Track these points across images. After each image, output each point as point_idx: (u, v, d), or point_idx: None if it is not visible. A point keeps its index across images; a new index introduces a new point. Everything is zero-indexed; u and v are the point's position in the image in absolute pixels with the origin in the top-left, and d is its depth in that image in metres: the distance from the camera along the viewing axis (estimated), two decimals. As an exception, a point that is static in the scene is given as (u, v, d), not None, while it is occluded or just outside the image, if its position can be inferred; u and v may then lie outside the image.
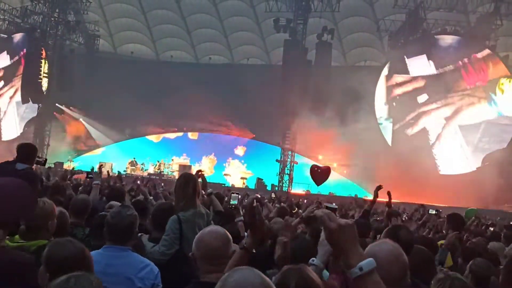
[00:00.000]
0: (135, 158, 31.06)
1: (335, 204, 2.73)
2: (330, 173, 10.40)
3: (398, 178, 23.72)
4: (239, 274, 1.56)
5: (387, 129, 27.88)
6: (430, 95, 26.88)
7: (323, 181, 10.60)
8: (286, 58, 26.35)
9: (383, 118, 28.14)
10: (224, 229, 2.54)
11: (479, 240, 4.90)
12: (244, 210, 2.57)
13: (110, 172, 24.47)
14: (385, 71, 28.04)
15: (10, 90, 33.37)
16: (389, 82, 28.01)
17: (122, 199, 5.21)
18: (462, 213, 10.96)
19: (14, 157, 4.74)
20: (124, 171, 28.35)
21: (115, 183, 8.03)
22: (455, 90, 26.61)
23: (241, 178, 29.78)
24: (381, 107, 28.20)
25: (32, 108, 31.76)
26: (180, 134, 35.10)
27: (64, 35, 31.56)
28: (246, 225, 2.51)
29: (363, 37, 32.58)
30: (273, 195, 10.85)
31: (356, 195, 19.20)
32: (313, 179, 10.33)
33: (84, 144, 33.93)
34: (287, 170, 27.43)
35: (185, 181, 4.10)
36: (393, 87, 27.81)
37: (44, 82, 30.40)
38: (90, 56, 32.30)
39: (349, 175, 28.80)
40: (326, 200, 10.13)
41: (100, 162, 28.55)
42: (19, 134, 32.21)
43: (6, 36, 32.60)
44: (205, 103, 30.21)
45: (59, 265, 2.27)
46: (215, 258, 2.40)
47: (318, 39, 26.53)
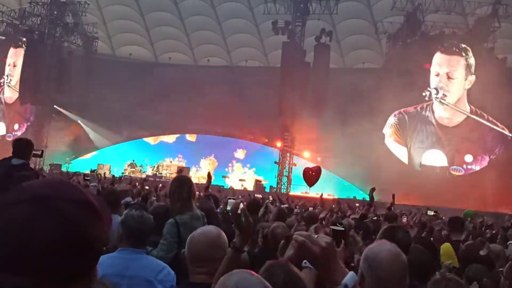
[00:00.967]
0: (134, 160, 31.03)
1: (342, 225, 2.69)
2: (321, 173, 10.38)
3: (397, 180, 23.75)
4: (238, 276, 1.51)
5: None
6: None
7: (315, 182, 10.57)
8: (285, 60, 26.36)
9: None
10: (218, 230, 2.49)
11: (476, 242, 4.88)
12: (231, 214, 2.56)
13: (108, 174, 24.51)
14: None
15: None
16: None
17: (117, 202, 5.17)
18: (462, 214, 10.95)
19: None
20: (122, 173, 28.34)
21: (112, 185, 8.00)
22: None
23: (240, 180, 29.74)
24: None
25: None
26: (177, 135, 35.02)
27: (62, 37, 31.55)
28: (237, 227, 2.49)
29: (361, 39, 32.61)
30: (270, 198, 10.83)
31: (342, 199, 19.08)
32: (306, 181, 10.31)
33: (82, 146, 33.85)
34: (285, 172, 27.41)
35: (180, 184, 4.06)
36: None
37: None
38: (88, 58, 32.29)
39: (348, 177, 28.77)
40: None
41: (98, 165, 28.65)
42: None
43: (4, 38, 32.57)
44: (204, 105, 30.21)
45: None
46: (203, 260, 2.36)
47: (317, 41, 26.55)
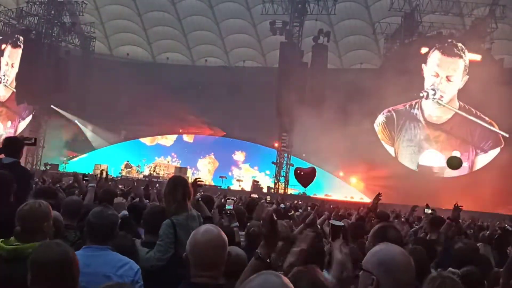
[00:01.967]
0: (128, 161, 30.94)
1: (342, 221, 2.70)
2: (315, 174, 10.30)
3: (395, 180, 23.79)
4: (262, 277, 1.56)
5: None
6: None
7: (310, 182, 10.52)
8: (282, 61, 26.36)
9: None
10: (219, 231, 2.47)
11: (470, 243, 4.86)
12: (263, 221, 2.54)
13: (106, 174, 24.43)
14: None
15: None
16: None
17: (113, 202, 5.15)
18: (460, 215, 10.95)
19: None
20: (119, 173, 28.29)
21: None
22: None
23: (237, 181, 29.72)
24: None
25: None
26: (175, 138, 34.93)
27: (59, 36, 31.45)
28: (264, 236, 2.49)
29: (359, 40, 32.69)
30: (268, 198, 10.85)
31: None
32: (299, 182, 10.25)
33: (79, 146, 33.76)
34: (283, 173, 27.39)
35: (174, 184, 4.04)
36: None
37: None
38: (86, 58, 32.23)
39: (345, 177, 28.80)
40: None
41: (96, 165, 28.58)
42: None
43: (1, 37, 32.47)
44: (201, 106, 30.19)
45: (41, 267, 2.28)
46: (208, 264, 2.34)
47: (314, 41, 26.56)
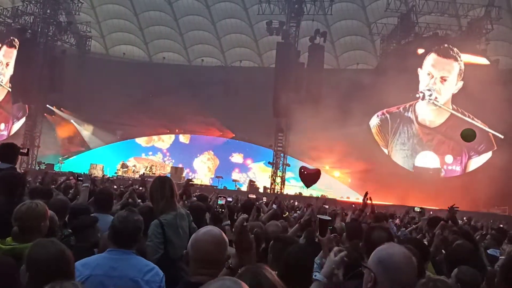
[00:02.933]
0: (123, 161, 30.87)
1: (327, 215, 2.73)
2: (320, 175, 10.34)
3: (391, 181, 23.85)
4: (219, 283, 1.55)
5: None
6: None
7: (313, 183, 10.56)
8: (279, 61, 26.35)
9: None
10: (220, 232, 2.47)
11: (464, 243, 4.86)
12: (234, 230, 2.55)
13: (101, 174, 24.41)
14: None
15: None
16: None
17: (109, 202, 5.14)
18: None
19: None
20: (115, 173, 28.23)
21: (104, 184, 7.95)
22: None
23: (233, 180, 29.70)
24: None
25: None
26: (171, 141, 34.85)
27: (55, 35, 31.33)
28: (235, 245, 2.49)
29: (355, 40, 32.74)
30: (265, 199, 10.87)
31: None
32: (302, 181, 10.30)
33: (75, 146, 33.66)
34: (279, 172, 27.41)
35: (161, 183, 4.01)
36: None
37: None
38: (82, 57, 32.09)
39: (341, 177, 28.86)
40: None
41: (91, 165, 28.52)
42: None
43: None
44: (197, 105, 30.16)
45: (39, 265, 2.31)
46: (209, 262, 2.35)
47: (311, 41, 26.58)
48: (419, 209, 8.03)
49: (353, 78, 26.53)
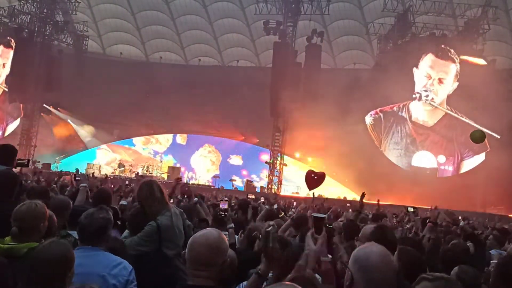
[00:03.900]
0: (120, 160, 30.81)
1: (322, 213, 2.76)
2: (324, 179, 10.35)
3: (388, 181, 23.87)
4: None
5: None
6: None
7: (316, 186, 10.56)
8: (276, 61, 26.37)
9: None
10: (219, 233, 2.46)
11: (460, 242, 4.88)
12: (261, 238, 2.59)
13: (98, 173, 24.36)
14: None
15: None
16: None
17: (108, 202, 5.13)
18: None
19: None
20: (112, 173, 28.17)
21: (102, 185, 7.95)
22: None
23: (231, 180, 29.68)
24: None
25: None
26: (168, 141, 34.76)
27: (52, 35, 31.28)
28: (263, 252, 2.54)
29: (352, 40, 32.78)
30: (262, 199, 10.88)
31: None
32: (307, 183, 10.30)
33: (72, 145, 33.57)
34: (276, 172, 27.44)
35: (148, 187, 4.01)
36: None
37: None
38: (79, 57, 32.06)
39: (339, 177, 28.85)
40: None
41: (88, 164, 28.47)
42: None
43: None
44: (194, 105, 30.14)
45: (44, 265, 2.32)
46: (203, 264, 2.36)
47: (308, 41, 26.61)
48: (412, 209, 8.03)
49: (350, 78, 26.59)
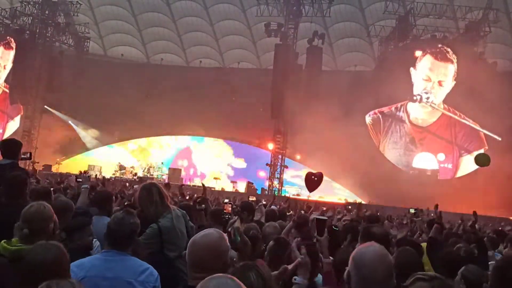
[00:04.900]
0: (120, 162, 30.79)
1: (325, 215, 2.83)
2: (322, 179, 10.35)
3: (389, 182, 23.87)
4: (217, 280, 1.61)
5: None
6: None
7: (316, 187, 10.54)
8: (277, 62, 26.36)
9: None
10: (219, 236, 2.43)
11: (464, 245, 4.88)
12: (227, 234, 2.65)
13: (99, 175, 24.35)
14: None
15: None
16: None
17: (109, 203, 5.14)
18: (454, 217, 10.99)
19: None
20: (112, 174, 28.16)
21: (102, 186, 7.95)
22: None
23: (231, 182, 29.68)
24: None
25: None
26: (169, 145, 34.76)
27: (53, 36, 31.32)
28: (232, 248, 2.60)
29: (353, 42, 32.78)
30: (263, 201, 10.88)
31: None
32: (307, 186, 10.29)
33: (73, 147, 33.59)
34: (277, 174, 27.42)
35: (148, 191, 4.00)
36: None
37: None
38: (80, 58, 32.06)
39: (339, 179, 28.84)
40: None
41: (89, 165, 28.47)
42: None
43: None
44: (195, 107, 30.13)
45: (36, 267, 2.34)
46: (203, 267, 2.35)
47: (309, 43, 26.61)
48: (413, 210, 8.08)
49: (351, 80, 26.59)
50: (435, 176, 26.84)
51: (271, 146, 27.96)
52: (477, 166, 8.06)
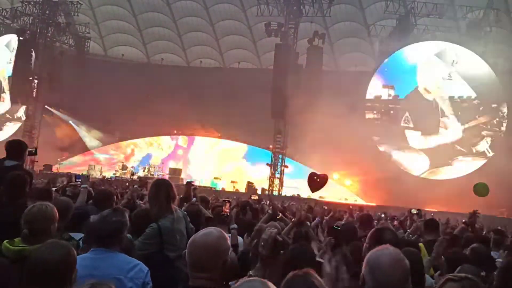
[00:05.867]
0: (124, 162, 30.84)
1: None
2: (327, 181, 10.29)
3: (389, 183, 23.85)
4: (247, 284, 1.62)
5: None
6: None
7: (319, 189, 10.53)
8: (277, 62, 26.33)
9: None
10: (219, 235, 2.42)
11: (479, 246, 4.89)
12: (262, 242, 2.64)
13: (99, 175, 24.38)
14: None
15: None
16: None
17: (108, 203, 5.13)
18: (456, 217, 10.98)
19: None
20: (113, 174, 28.18)
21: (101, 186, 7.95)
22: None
23: (231, 182, 29.65)
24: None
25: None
26: (170, 147, 34.76)
27: (54, 36, 31.33)
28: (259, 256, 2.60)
29: (353, 42, 32.76)
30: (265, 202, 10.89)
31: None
32: (310, 186, 10.25)
33: (73, 147, 33.61)
34: (277, 174, 27.40)
35: (157, 189, 4.03)
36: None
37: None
38: (80, 58, 32.07)
39: (340, 180, 28.84)
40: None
41: (90, 165, 28.49)
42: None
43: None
44: (196, 107, 30.13)
45: (45, 266, 2.31)
46: (203, 267, 2.34)
47: (309, 43, 26.59)
48: (416, 211, 8.06)
49: (351, 80, 26.58)
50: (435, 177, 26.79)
51: (271, 146, 27.97)
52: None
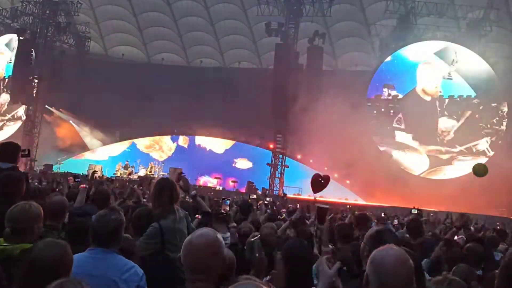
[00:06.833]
0: (128, 161, 30.81)
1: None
2: (329, 182, 10.27)
3: (389, 182, 23.84)
4: (244, 286, 1.60)
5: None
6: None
7: (322, 189, 10.49)
8: (278, 62, 26.32)
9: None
10: (215, 235, 2.39)
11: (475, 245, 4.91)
12: (246, 246, 2.61)
13: (100, 174, 24.35)
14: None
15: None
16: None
17: (107, 202, 5.13)
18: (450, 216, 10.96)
19: None
20: (113, 173, 28.16)
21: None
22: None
23: (232, 182, 29.64)
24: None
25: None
26: (170, 149, 34.73)
27: (54, 36, 31.33)
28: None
29: (354, 42, 32.71)
30: (265, 201, 10.87)
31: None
32: (314, 187, 10.21)
33: (73, 146, 33.61)
34: (277, 174, 27.39)
35: (160, 188, 4.03)
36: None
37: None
38: (81, 58, 32.09)
39: (340, 179, 28.81)
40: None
41: (90, 165, 28.48)
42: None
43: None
44: (196, 107, 30.13)
45: (43, 265, 2.31)
46: (200, 269, 2.32)
47: (310, 43, 26.57)
48: (416, 211, 8.06)
49: (352, 79, 26.55)
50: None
51: (271, 146, 27.96)
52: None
